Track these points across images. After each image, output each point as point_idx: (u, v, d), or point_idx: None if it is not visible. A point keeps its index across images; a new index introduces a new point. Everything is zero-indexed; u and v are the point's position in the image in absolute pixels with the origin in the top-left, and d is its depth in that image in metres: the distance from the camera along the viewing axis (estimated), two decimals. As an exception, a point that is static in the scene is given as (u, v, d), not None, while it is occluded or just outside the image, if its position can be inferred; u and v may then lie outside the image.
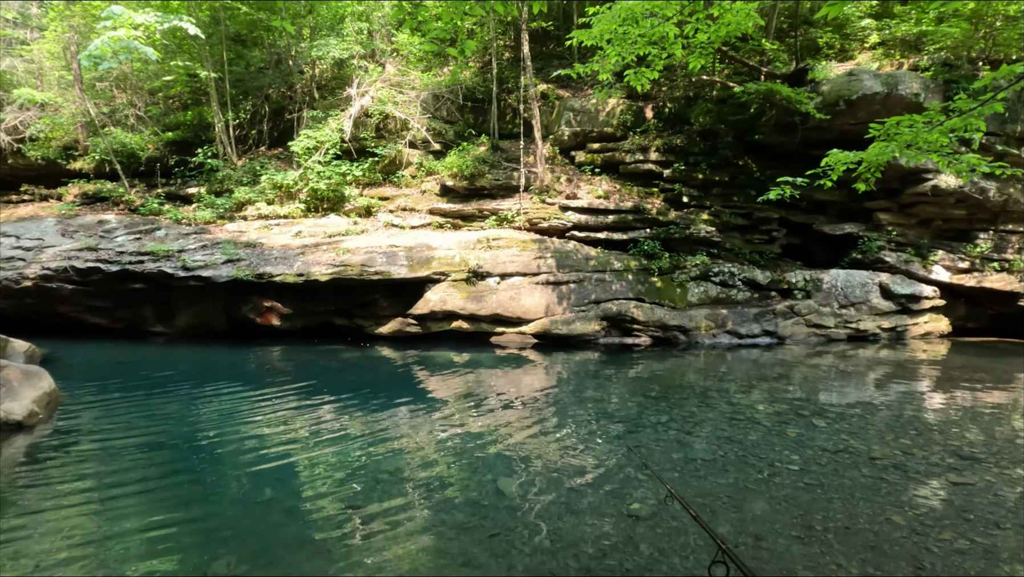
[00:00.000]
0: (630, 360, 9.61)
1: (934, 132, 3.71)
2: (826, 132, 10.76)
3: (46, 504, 4.17)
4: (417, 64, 15.09)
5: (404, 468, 4.86)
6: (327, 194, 12.86)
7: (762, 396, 7.26)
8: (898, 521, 3.92)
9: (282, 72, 15.25)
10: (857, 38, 12.84)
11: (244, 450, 5.30)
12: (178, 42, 13.98)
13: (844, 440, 5.58)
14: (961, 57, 11.23)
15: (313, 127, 13.64)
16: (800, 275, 11.65)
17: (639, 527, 3.83)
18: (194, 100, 15.51)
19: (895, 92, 10.13)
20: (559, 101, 13.81)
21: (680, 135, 12.44)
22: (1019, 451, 5.37)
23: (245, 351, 10.26)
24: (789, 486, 4.50)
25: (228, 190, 13.39)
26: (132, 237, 11.43)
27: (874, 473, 4.76)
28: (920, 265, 11.64)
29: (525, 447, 5.39)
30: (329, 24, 15.45)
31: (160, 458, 5.13)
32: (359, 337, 11.16)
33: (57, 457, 5.13)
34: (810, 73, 11.20)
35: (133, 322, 11.48)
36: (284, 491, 4.41)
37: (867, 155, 4.34)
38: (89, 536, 3.71)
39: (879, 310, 11.42)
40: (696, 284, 11.31)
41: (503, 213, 12.16)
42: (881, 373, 8.78)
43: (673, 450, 5.31)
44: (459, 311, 10.42)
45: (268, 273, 10.36)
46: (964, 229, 11.95)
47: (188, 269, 10.40)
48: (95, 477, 4.71)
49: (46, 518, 3.95)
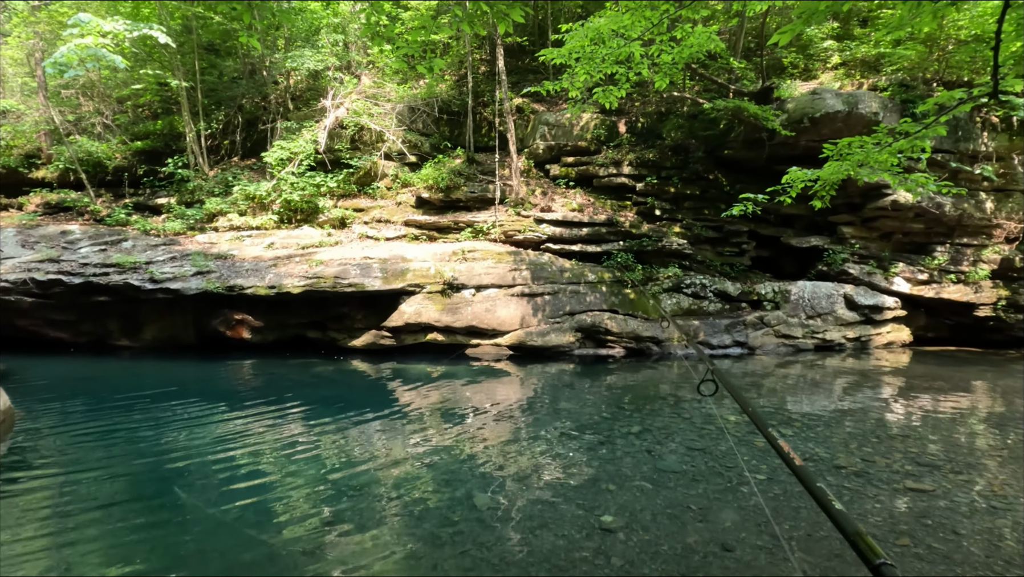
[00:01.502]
0: (604, 371, 9.70)
1: (884, 152, 3.89)
2: (792, 148, 11.10)
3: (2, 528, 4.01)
4: (393, 76, 15.12)
5: (376, 483, 4.82)
6: (301, 205, 12.74)
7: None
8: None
9: (256, 82, 15.12)
10: (820, 58, 13.33)
11: (212, 467, 5.19)
12: (148, 50, 13.77)
13: (810, 448, 5.72)
14: (917, 78, 11.75)
15: (287, 138, 13.53)
16: (769, 286, 11.94)
17: (610, 539, 3.86)
18: (164, 109, 15.25)
19: (856, 111, 10.54)
20: (534, 115, 13.98)
21: (652, 149, 12.70)
22: (974, 457, 5.58)
23: (215, 365, 10.04)
24: (756, 496, 4.59)
25: (199, 201, 13.16)
26: (97, 248, 11.13)
27: (838, 481, 4.89)
28: (882, 277, 12.04)
29: (499, 460, 5.40)
30: (304, 35, 15.39)
31: (123, 476, 4.98)
32: (332, 350, 11.03)
33: (12, 477, 4.94)
34: (776, 91, 11.58)
35: (97, 336, 11.15)
36: (252, 508, 4.33)
37: (823, 173, 4.52)
38: (46, 558, 3.58)
39: (844, 320, 11.76)
40: (668, 295, 11.49)
41: (478, 225, 12.21)
42: (846, 382, 9.03)
43: (644, 461, 5.37)
44: (434, 323, 10.39)
45: (239, 285, 10.19)
46: (923, 242, 12.42)
47: (156, 281, 10.16)
48: (53, 497, 4.55)
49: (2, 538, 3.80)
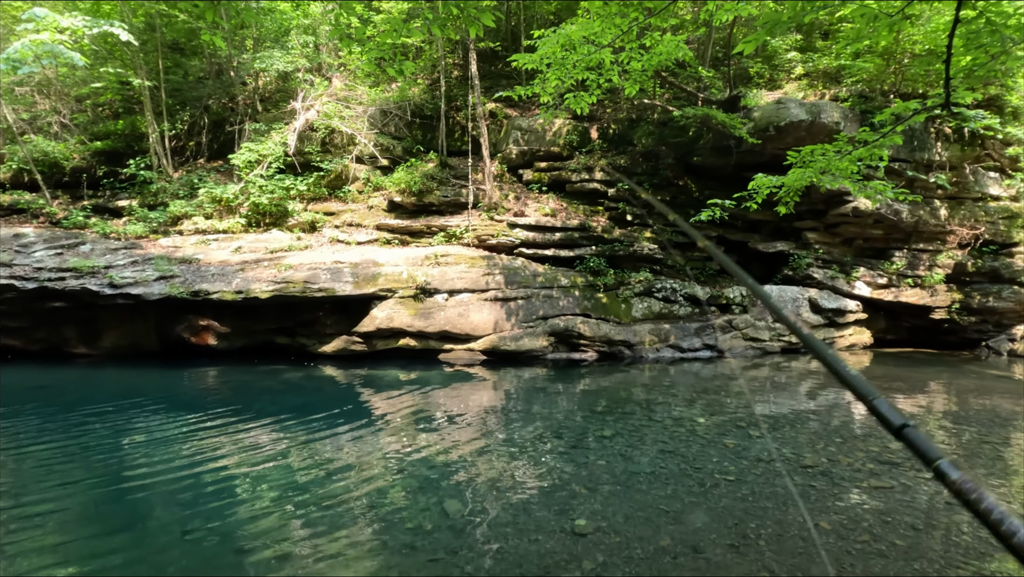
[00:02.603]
0: (577, 375, 9.75)
1: (844, 160, 4.04)
2: (759, 155, 11.39)
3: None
4: (364, 79, 14.98)
5: (347, 492, 4.73)
6: (269, 209, 12.48)
7: (702, 409, 7.51)
8: (824, 526, 4.13)
9: (223, 83, 14.78)
10: (784, 69, 13.74)
11: (174, 478, 5.01)
12: (109, 48, 13.34)
13: (777, 449, 5.85)
14: (875, 90, 12.21)
15: (256, 140, 13.26)
16: (737, 291, 12.20)
17: (582, 543, 3.86)
18: (126, 109, 14.77)
19: (818, 120, 10.88)
20: (507, 120, 14.02)
21: (624, 155, 12.87)
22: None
23: (178, 373, 9.74)
24: (726, 496, 4.66)
25: (163, 203, 12.77)
26: (53, 252, 10.69)
27: (804, 481, 5.01)
28: (844, 281, 12.44)
29: (472, 466, 5.36)
30: (273, 36, 15.13)
31: (80, 489, 4.77)
32: (302, 356, 10.82)
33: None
34: (743, 100, 11.87)
35: (53, 343, 10.70)
36: (217, 520, 4.20)
37: (787, 180, 4.66)
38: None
39: (809, 323, 12.09)
40: (640, 300, 11.63)
41: (452, 229, 12.16)
42: (811, 384, 9.27)
43: (617, 464, 5.40)
44: (406, 328, 10.29)
45: (204, 290, 9.91)
46: (882, 247, 12.88)
47: (116, 286, 9.81)
48: (6, 513, 4.32)
49: (-58, 562, 3.59)
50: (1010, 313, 12.20)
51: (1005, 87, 11.66)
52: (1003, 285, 12.10)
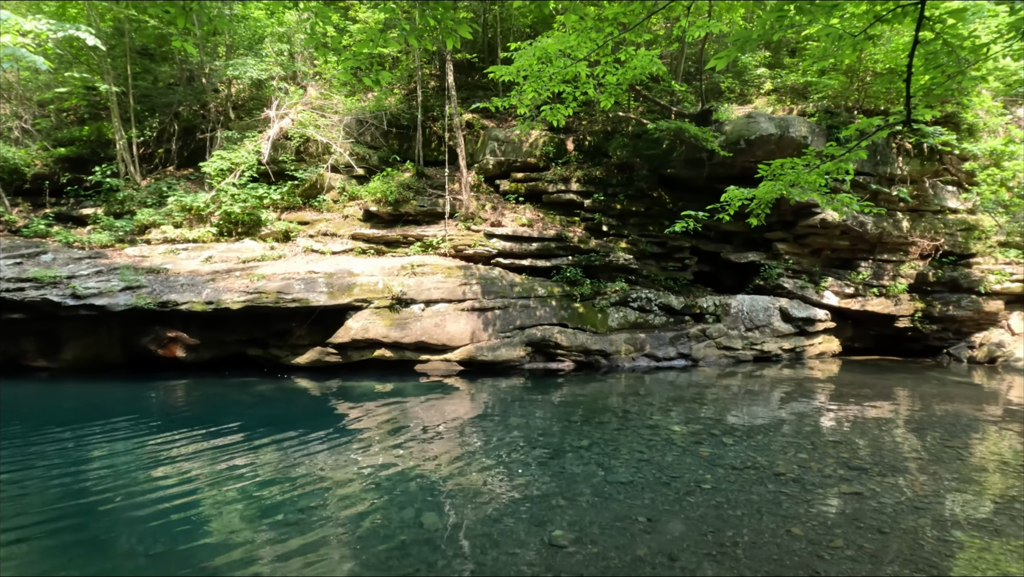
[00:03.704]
0: (554, 385, 9.76)
1: (813, 174, 4.17)
2: (730, 168, 11.65)
3: None
4: (340, 88, 14.88)
5: (321, 506, 4.63)
6: (242, 218, 12.25)
7: (678, 417, 7.59)
8: (797, 532, 4.19)
9: (194, 89, 14.52)
10: (754, 84, 14.13)
11: (139, 498, 4.84)
12: (75, 52, 13.00)
13: (751, 457, 5.93)
14: (840, 106, 12.65)
15: (228, 148, 13.03)
16: (711, 300, 12.41)
17: (560, 554, 3.85)
18: (92, 114, 14.37)
19: (787, 134, 11.20)
20: (484, 131, 14.08)
21: (599, 167, 13.03)
22: (899, 460, 5.95)
23: (144, 386, 9.44)
24: (702, 505, 4.70)
25: (130, 212, 12.43)
26: (11, 262, 10.29)
27: (777, 488, 5.08)
28: (814, 291, 12.76)
29: (449, 478, 5.31)
30: (247, 43, 14.95)
31: (38, 509, 4.56)
32: (275, 368, 10.60)
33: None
34: (715, 114, 12.16)
35: (10, 356, 10.26)
36: (184, 539, 4.06)
37: (758, 192, 4.78)
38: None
39: (780, 332, 12.35)
40: (616, 309, 11.74)
41: (428, 239, 12.11)
42: (783, 391, 9.45)
43: (593, 475, 5.41)
44: (382, 339, 10.18)
45: (173, 301, 9.65)
46: (848, 258, 13.27)
47: (79, 297, 9.48)
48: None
49: None
50: (969, 321, 12.67)
51: (961, 105, 12.19)
52: (962, 295, 12.57)
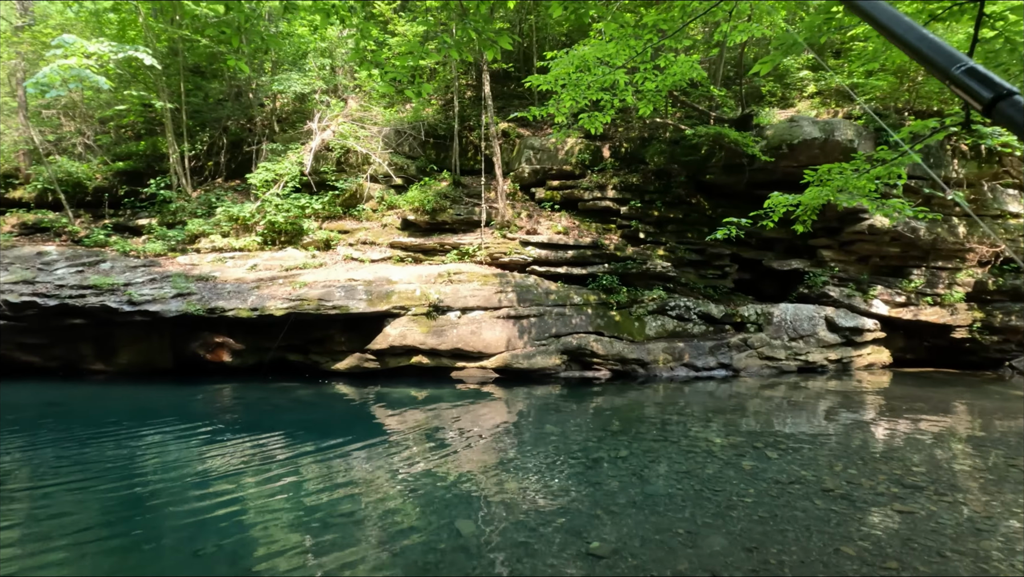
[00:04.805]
0: (590, 394, 9.66)
1: (862, 179, 4.01)
2: (771, 173, 11.36)
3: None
4: (379, 100, 15.24)
5: (358, 510, 4.69)
6: (285, 227, 12.65)
7: (718, 429, 7.39)
8: (848, 552, 4.01)
9: (242, 104, 15.13)
10: (796, 87, 13.77)
11: (186, 497, 5.02)
12: (133, 72, 13.73)
13: (796, 471, 5.72)
14: (889, 107, 12.17)
15: (272, 160, 13.50)
16: (752, 309, 12.07)
17: (598, 566, 3.79)
18: (148, 130, 15.15)
19: (832, 138, 10.85)
20: (519, 139, 14.16)
21: (636, 174, 12.90)
22: (957, 478, 5.63)
23: (192, 390, 9.81)
24: (744, 519, 4.55)
25: (181, 222, 13.01)
26: (74, 270, 10.89)
27: (825, 504, 4.88)
28: (861, 299, 12.26)
29: (484, 486, 5.30)
30: (291, 59, 15.50)
31: (92, 507, 4.79)
32: (315, 373, 10.85)
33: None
34: (755, 118, 11.90)
35: (70, 360, 10.83)
36: (229, 539, 4.18)
37: (804, 198, 4.63)
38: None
39: (826, 342, 11.91)
40: (653, 318, 11.55)
41: (464, 247, 12.22)
42: (829, 404, 9.10)
43: (631, 486, 5.31)
44: (419, 346, 10.29)
45: (220, 307, 10.02)
46: (899, 265, 12.71)
47: (134, 303, 9.95)
48: (18, 531, 4.35)
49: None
50: (1033, 332, 11.94)
51: None
52: (1025, 304, 11.86)
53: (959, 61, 0.64)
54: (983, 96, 0.62)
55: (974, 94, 0.63)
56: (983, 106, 0.62)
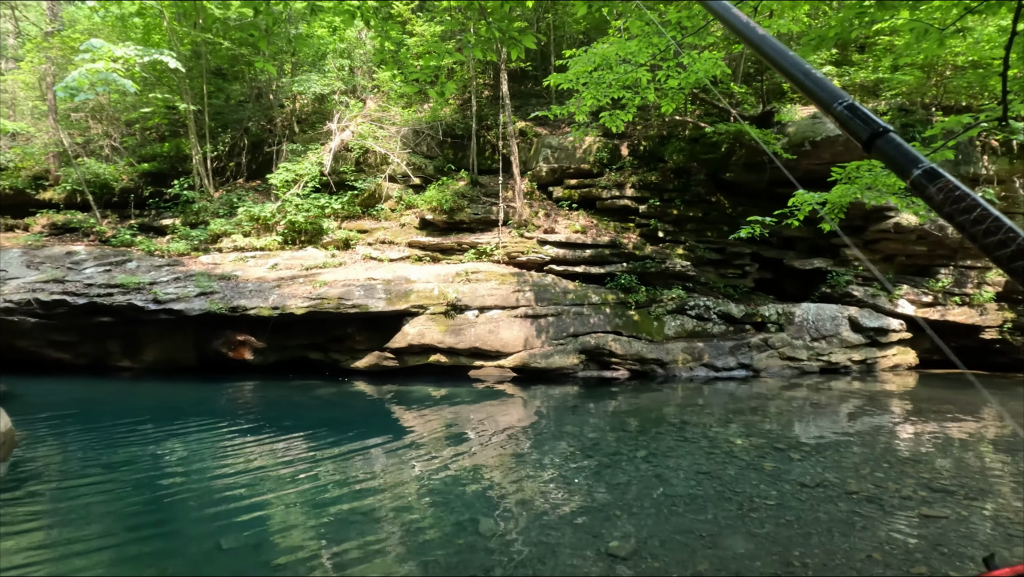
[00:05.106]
0: (608, 394, 9.61)
1: (891, 176, 3.91)
2: (793, 171, 11.18)
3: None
4: (398, 100, 15.34)
5: (379, 508, 4.73)
6: (305, 227, 12.80)
7: (739, 429, 7.31)
8: (875, 557, 3.94)
9: (262, 106, 15.34)
10: (819, 83, 13.51)
11: (210, 493, 5.11)
12: (158, 75, 14.01)
13: (820, 474, 5.63)
14: (915, 103, 11.90)
15: (292, 160, 13.67)
16: (773, 308, 11.90)
17: (619, 566, 3.77)
18: (172, 132, 15.46)
19: (856, 135, 10.64)
20: (537, 138, 14.14)
21: (655, 172, 12.80)
22: (987, 483, 5.48)
23: (215, 387, 9.98)
24: (767, 521, 4.50)
25: (204, 222, 13.24)
26: (102, 269, 11.16)
27: (850, 507, 4.79)
28: (886, 299, 12.01)
29: (504, 484, 5.31)
30: (311, 60, 15.67)
31: (120, 501, 4.90)
32: (335, 372, 10.97)
33: (9, 502, 4.86)
34: (776, 115, 11.72)
35: (98, 357, 11.10)
36: (252, 535, 4.24)
37: (830, 196, 4.54)
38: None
39: (849, 343, 11.69)
40: (672, 317, 11.45)
41: (482, 247, 12.25)
42: (853, 405, 8.93)
43: (651, 486, 5.28)
44: (437, 344, 10.35)
45: (242, 306, 10.18)
46: (926, 265, 12.42)
47: (159, 302, 10.16)
48: (49, 524, 4.47)
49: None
50: (1067, 333, 11.59)
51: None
52: (1059, 304, 11.52)
53: (840, 98, 0.69)
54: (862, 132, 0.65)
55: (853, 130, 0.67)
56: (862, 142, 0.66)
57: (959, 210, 0.54)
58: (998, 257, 0.50)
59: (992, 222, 0.50)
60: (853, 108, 0.67)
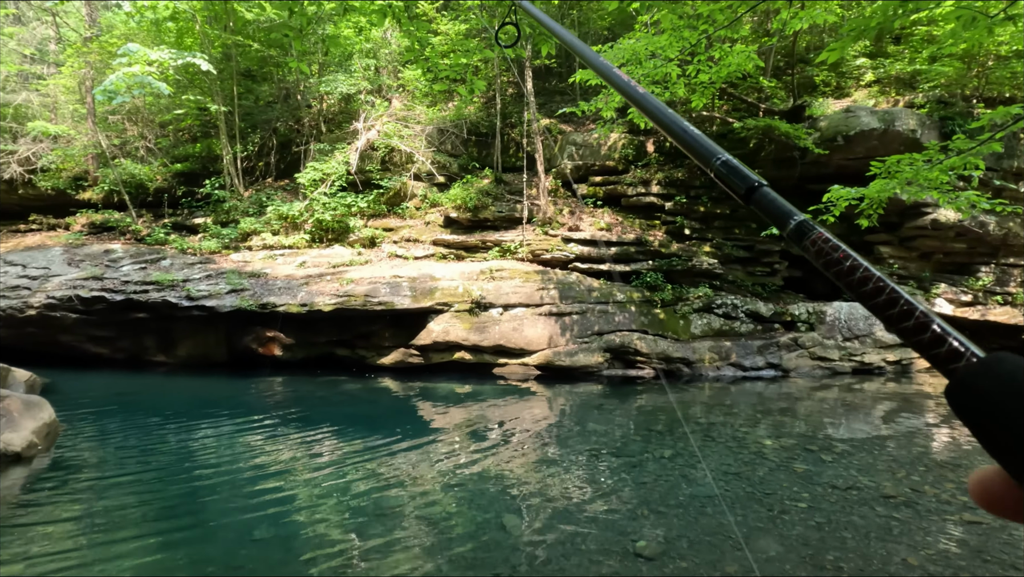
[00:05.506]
0: (633, 392, 9.53)
1: (934, 170, 3.77)
2: (823, 167, 10.91)
3: (39, 542, 4.10)
4: (423, 99, 15.44)
5: (405, 503, 4.78)
6: (332, 225, 12.99)
7: (768, 430, 7.17)
8: (912, 562, 3.82)
9: (290, 106, 15.60)
10: (853, 76, 13.15)
11: (241, 484, 5.23)
12: (190, 77, 14.36)
13: (853, 476, 5.49)
14: (955, 95, 11.48)
15: (319, 159, 13.88)
16: (803, 307, 11.64)
17: (646, 566, 3.74)
18: (203, 133, 15.83)
19: (892, 128, 10.32)
20: (561, 135, 14.08)
21: (681, 169, 12.62)
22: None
23: (246, 382, 10.20)
24: (799, 524, 4.40)
25: (234, 221, 13.54)
26: (137, 267, 11.50)
27: (886, 511, 4.66)
28: (923, 298, 11.64)
29: (528, 482, 5.31)
30: (337, 60, 15.88)
31: (156, 492, 5.05)
32: (361, 368, 11.11)
33: (53, 491, 5.05)
34: (808, 110, 11.44)
35: (134, 352, 11.45)
36: (282, 527, 4.33)
37: (869, 191, 4.40)
38: (79, 565, 3.63)
39: (883, 343, 11.36)
40: (699, 316, 11.29)
41: (506, 244, 12.25)
42: (888, 407, 8.68)
43: (678, 486, 5.22)
44: (462, 342, 10.39)
45: (272, 303, 10.38)
46: (965, 263, 11.99)
47: (192, 299, 10.43)
48: (90, 513, 4.63)
49: (38, 552, 3.87)
50: (1118, 334, 11.06)
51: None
52: (1109, 303, 11.00)
53: (717, 154, 0.72)
54: (739, 187, 0.68)
55: (731, 185, 0.69)
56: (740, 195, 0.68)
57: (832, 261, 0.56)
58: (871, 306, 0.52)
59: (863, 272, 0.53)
60: (727, 164, 0.70)
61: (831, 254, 0.57)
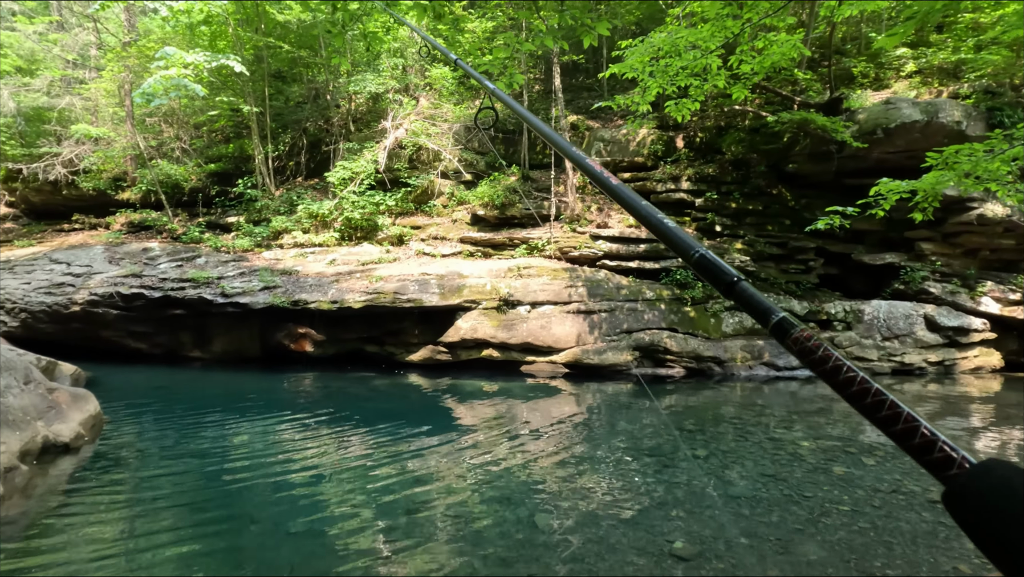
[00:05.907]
0: (663, 391, 9.40)
1: (995, 161, 3.58)
2: (862, 161, 10.57)
3: (85, 529, 4.23)
4: (449, 97, 15.49)
5: (436, 499, 4.79)
6: (361, 223, 13.13)
7: (804, 431, 6.98)
8: (964, 570, 3.67)
9: (320, 106, 15.82)
10: (892, 67, 12.71)
11: (275, 478, 5.31)
12: (223, 79, 14.68)
13: (897, 480, 5.30)
14: (1004, 84, 10.99)
15: (349, 158, 14.04)
16: (840, 306, 11.31)
17: (682, 567, 3.66)
18: (236, 133, 16.18)
19: (936, 120, 9.94)
20: (589, 132, 13.96)
21: (712, 164, 12.39)
22: (1091, 497, 5.01)
23: (278, 377, 10.39)
24: (841, 528, 4.27)
25: (266, 219, 13.81)
26: (174, 264, 11.82)
27: (933, 517, 4.49)
28: (967, 296, 11.19)
29: (559, 480, 5.27)
30: (366, 60, 16.03)
31: (193, 485, 5.16)
32: (390, 364, 11.21)
33: (98, 481, 5.22)
34: (845, 102, 11.09)
35: (171, 347, 11.77)
36: (315, 521, 4.38)
37: (923, 184, 4.21)
38: (119, 554, 3.73)
39: (925, 343, 10.97)
40: (731, 314, 11.07)
41: (534, 242, 12.21)
42: (930, 409, 8.37)
43: (711, 487, 5.11)
44: (490, 339, 10.39)
45: (303, 300, 10.55)
46: (1013, 260, 11.49)
47: (226, 296, 10.67)
48: (132, 504, 4.77)
49: (84, 538, 4.00)
50: None
51: None
52: None
53: (694, 248, 0.75)
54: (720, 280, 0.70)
55: (712, 277, 0.72)
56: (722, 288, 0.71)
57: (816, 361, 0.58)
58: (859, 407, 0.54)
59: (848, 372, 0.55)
60: (704, 257, 0.73)
61: (815, 352, 0.58)
